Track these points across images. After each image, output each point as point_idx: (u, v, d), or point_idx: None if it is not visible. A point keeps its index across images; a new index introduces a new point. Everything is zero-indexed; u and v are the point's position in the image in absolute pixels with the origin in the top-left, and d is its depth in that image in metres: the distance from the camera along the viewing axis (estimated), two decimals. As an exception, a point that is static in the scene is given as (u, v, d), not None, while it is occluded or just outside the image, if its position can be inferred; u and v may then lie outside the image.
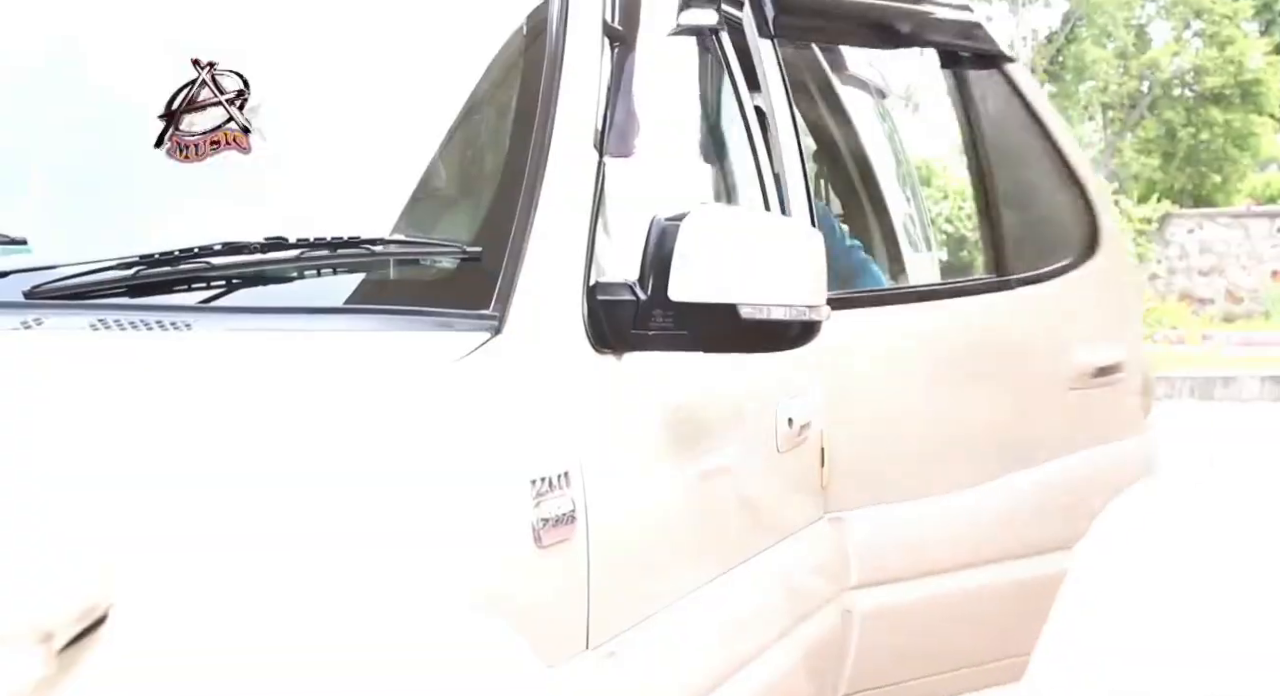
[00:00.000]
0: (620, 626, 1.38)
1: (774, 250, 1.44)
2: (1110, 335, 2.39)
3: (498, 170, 1.53)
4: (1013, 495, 2.19)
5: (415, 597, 1.07)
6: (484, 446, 1.24)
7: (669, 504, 1.53)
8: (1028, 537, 2.20)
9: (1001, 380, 2.21)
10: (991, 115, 2.38)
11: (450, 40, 1.65)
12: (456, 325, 1.35)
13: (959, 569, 2.11)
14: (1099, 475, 2.32)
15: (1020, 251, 2.32)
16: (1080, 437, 2.29)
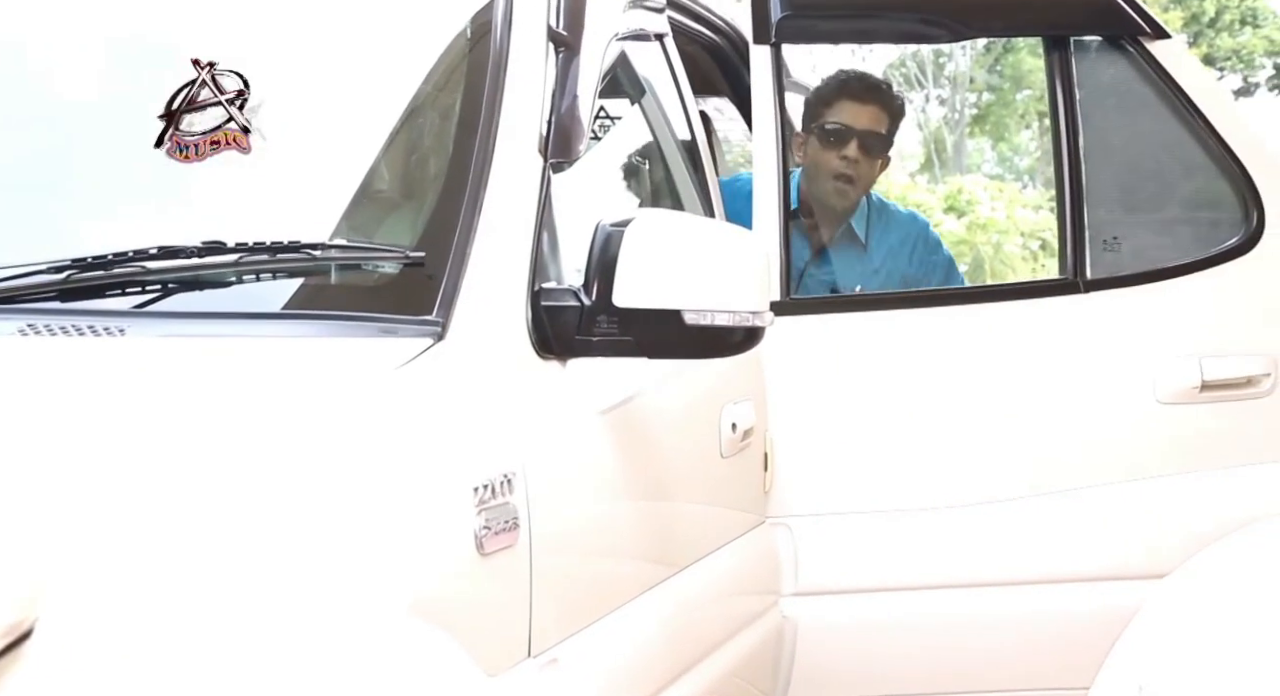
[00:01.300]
0: (562, 633, 1.37)
1: (719, 256, 1.44)
2: (1249, 343, 2.09)
3: (441, 175, 1.51)
4: (1039, 517, 2.02)
5: (351, 606, 1.05)
6: (425, 453, 1.22)
7: (612, 510, 1.52)
8: (1041, 567, 2.02)
9: (1029, 391, 2.03)
10: (1104, 99, 2.13)
11: (393, 44, 1.63)
12: (399, 331, 1.33)
13: (929, 588, 2.01)
14: (1196, 502, 2.05)
15: (1111, 251, 2.09)
16: (1164, 459, 2.05)
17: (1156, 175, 2.24)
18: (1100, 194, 2.12)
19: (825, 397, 2.02)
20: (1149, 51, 2.10)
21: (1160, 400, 2.05)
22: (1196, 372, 2.04)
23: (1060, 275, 2.12)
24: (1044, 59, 2.15)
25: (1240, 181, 2.10)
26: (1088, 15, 2.14)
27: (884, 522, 2.01)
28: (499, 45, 1.51)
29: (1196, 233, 2.19)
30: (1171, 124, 2.12)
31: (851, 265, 2.40)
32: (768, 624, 1.94)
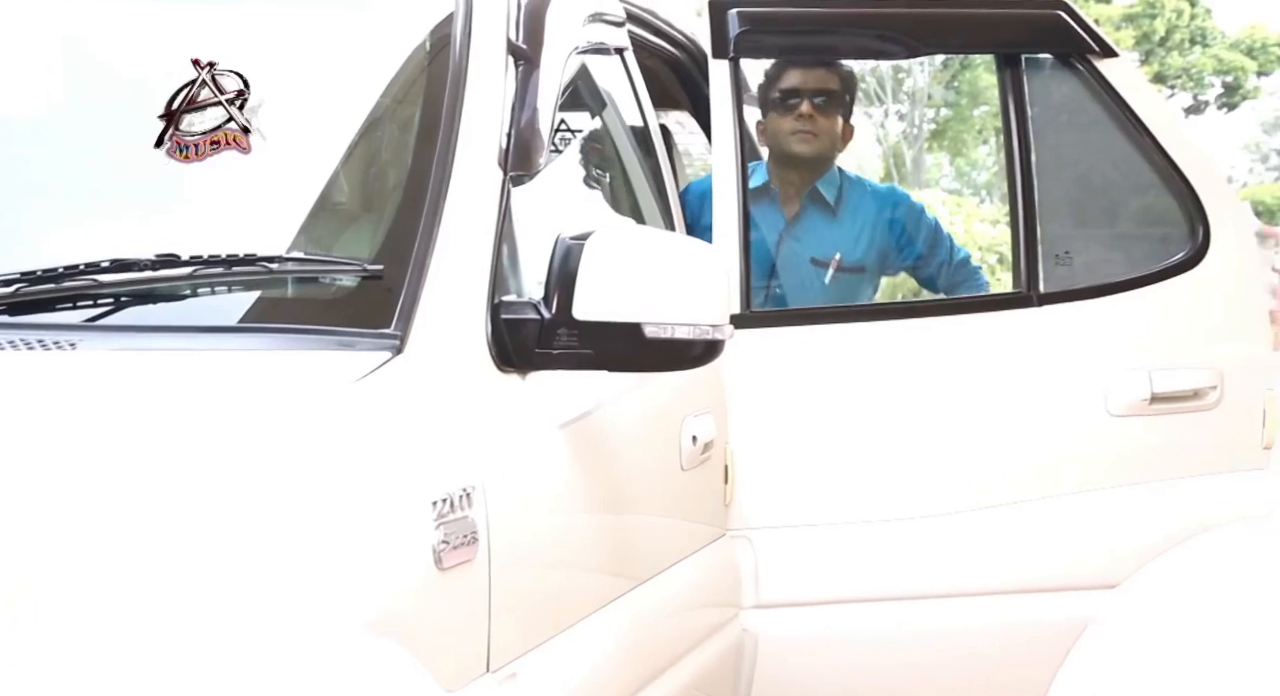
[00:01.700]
0: (522, 648, 1.36)
1: (678, 269, 1.44)
2: (1196, 357, 2.09)
3: (400, 187, 1.50)
4: (993, 528, 2.03)
5: (303, 622, 1.03)
6: (383, 468, 1.21)
7: (572, 523, 1.51)
8: (994, 578, 2.03)
9: (983, 404, 2.04)
10: (1054, 116, 2.16)
11: (352, 56, 1.62)
12: (357, 344, 1.32)
13: (887, 600, 2.01)
14: (1143, 514, 2.06)
15: (1064, 265, 2.10)
16: (1115, 471, 2.05)
17: (1107, 191, 2.27)
18: (1052, 209, 2.14)
19: (784, 410, 2.03)
20: (1098, 70, 2.13)
21: (1111, 412, 2.06)
22: (1146, 385, 2.06)
23: (1014, 289, 2.13)
24: (996, 76, 2.17)
25: (1186, 198, 2.12)
26: (1037, 33, 2.16)
27: (843, 535, 2.02)
28: (458, 58, 1.51)
29: (1146, 248, 2.21)
30: (1120, 141, 2.15)
31: (820, 232, 2.40)
32: (728, 636, 1.94)
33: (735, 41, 2.07)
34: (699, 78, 2.41)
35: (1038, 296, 2.09)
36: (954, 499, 2.05)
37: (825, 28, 2.20)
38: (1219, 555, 2.10)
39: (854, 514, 2.03)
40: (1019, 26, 2.17)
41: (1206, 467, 2.11)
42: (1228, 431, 2.12)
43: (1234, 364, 2.11)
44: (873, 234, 2.40)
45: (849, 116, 2.43)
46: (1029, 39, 2.16)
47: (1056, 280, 2.12)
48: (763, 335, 2.03)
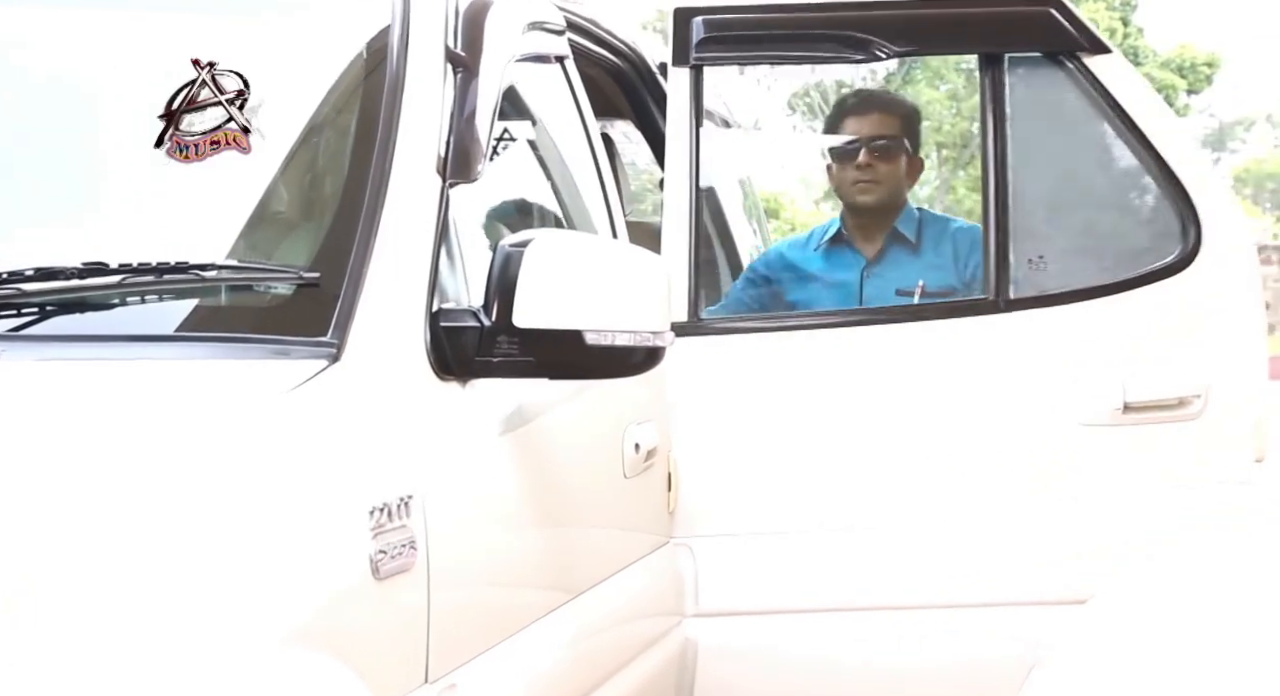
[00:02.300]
0: (462, 658, 1.34)
1: (619, 277, 1.43)
2: (1182, 363, 2.01)
3: (338, 195, 1.49)
4: (943, 540, 1.99)
5: (224, 632, 1.01)
6: (318, 477, 1.19)
7: (513, 532, 1.50)
8: (944, 590, 1.98)
9: (940, 411, 1.99)
10: (1035, 116, 2.06)
11: (289, 62, 1.60)
12: (292, 353, 1.30)
13: (832, 611, 1.97)
14: (1110, 526, 2.00)
15: (1037, 270, 2.01)
16: (1083, 482, 1.99)
17: (1091, 193, 2.17)
18: (1028, 212, 2.06)
19: (732, 418, 2.00)
20: (1088, 67, 2.04)
21: (1081, 421, 2.00)
22: (1119, 394, 1.99)
23: (982, 294, 2.07)
24: (977, 76, 2.08)
25: (1178, 198, 2.03)
26: (1024, 31, 2.07)
27: (787, 544, 1.99)
28: (396, 65, 1.49)
29: (1131, 251, 2.12)
30: (1109, 140, 2.06)
31: (904, 265, 2.33)
32: (670, 645, 1.93)
33: (697, 48, 2.03)
34: (642, 88, 2.41)
35: (1005, 302, 2.01)
36: (905, 509, 2.01)
37: (795, 32, 2.12)
38: (1189, 570, 2.00)
39: (798, 523, 2.00)
40: (1006, 24, 2.08)
41: (1188, 479, 2.02)
42: (1213, 442, 2.02)
43: (1223, 373, 2.02)
44: (954, 262, 2.33)
45: (916, 150, 2.37)
46: (1018, 37, 2.08)
47: (1028, 285, 2.04)
48: (712, 343, 2.02)
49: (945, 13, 2.13)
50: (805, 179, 24.17)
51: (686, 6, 2.05)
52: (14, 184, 1.48)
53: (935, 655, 2.02)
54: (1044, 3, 2.06)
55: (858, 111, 2.37)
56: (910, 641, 2.01)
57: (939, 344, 2.04)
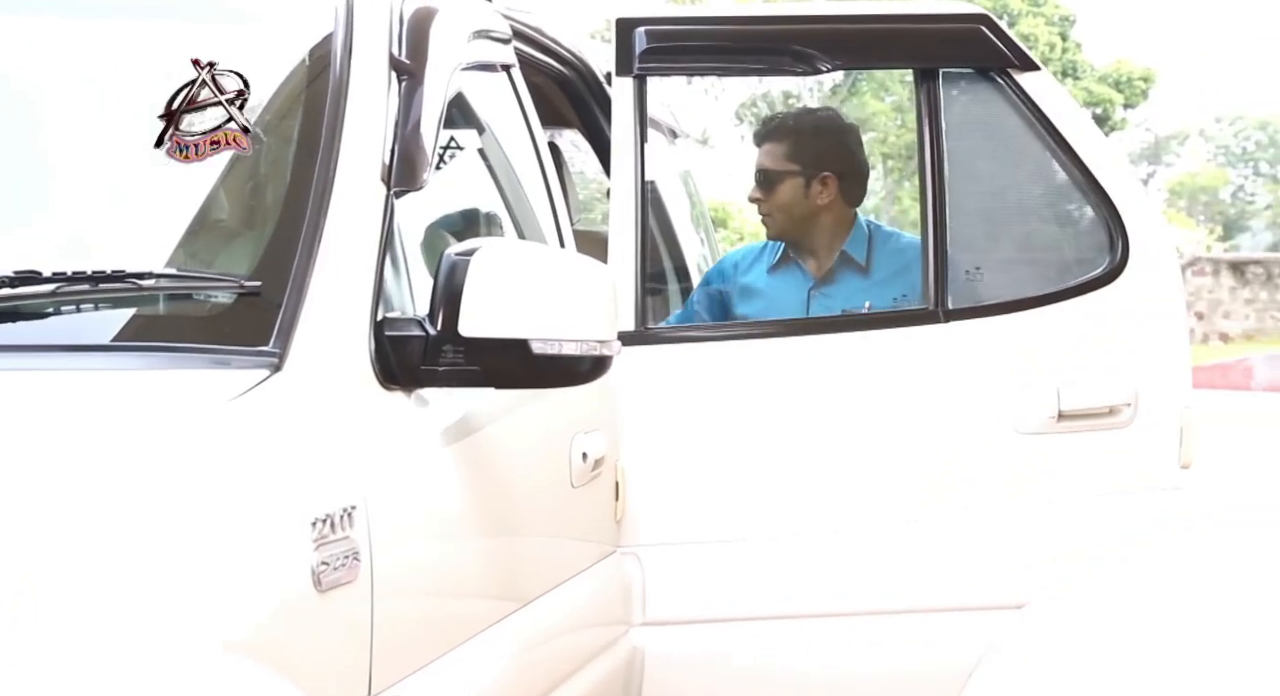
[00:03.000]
0: (405, 670, 1.32)
1: (565, 285, 1.43)
2: (1113, 373, 2.04)
3: (280, 203, 1.47)
4: (889, 547, 2.00)
5: (164, 645, 0.99)
6: (258, 487, 1.17)
7: (458, 543, 1.48)
8: (889, 597, 2.00)
9: (883, 420, 2.01)
10: (970, 130, 2.10)
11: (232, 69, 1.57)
12: (233, 362, 1.28)
13: (778, 618, 1.98)
14: (1047, 533, 2.03)
15: (974, 281, 2.05)
16: (1019, 489, 2.01)
17: (1023, 206, 2.21)
18: (965, 224, 2.09)
19: (676, 427, 2.00)
20: (1018, 83, 2.08)
21: (1018, 430, 2.02)
22: (1054, 402, 2.02)
23: (922, 305, 2.09)
24: (913, 90, 2.11)
25: (1106, 212, 2.07)
26: (956, 47, 2.11)
27: (734, 552, 1.99)
28: (339, 72, 1.48)
29: (1062, 263, 2.16)
30: (1039, 155, 2.10)
31: (851, 285, 2.34)
32: (618, 654, 1.92)
33: (641, 58, 2.03)
34: (589, 97, 2.40)
35: (944, 312, 2.04)
36: (849, 516, 2.02)
37: (735, 44, 2.14)
38: (1125, 576, 2.08)
39: (746, 531, 2.00)
40: (938, 40, 2.12)
41: (1119, 486, 2.06)
42: (1142, 450, 2.06)
43: (1150, 381, 2.06)
44: (903, 281, 2.34)
45: (820, 167, 2.33)
46: (949, 53, 2.11)
47: (966, 296, 2.07)
48: (657, 352, 2.02)
49: (882, 28, 2.16)
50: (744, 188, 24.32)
51: (629, 17, 2.05)
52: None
53: (880, 661, 2.02)
54: (975, 19, 2.10)
55: (755, 142, 2.38)
56: (855, 647, 2.02)
57: (881, 353, 2.06)
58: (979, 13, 2.12)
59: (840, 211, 2.39)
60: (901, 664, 2.03)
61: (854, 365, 2.06)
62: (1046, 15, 21.73)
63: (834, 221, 2.38)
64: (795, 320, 2.25)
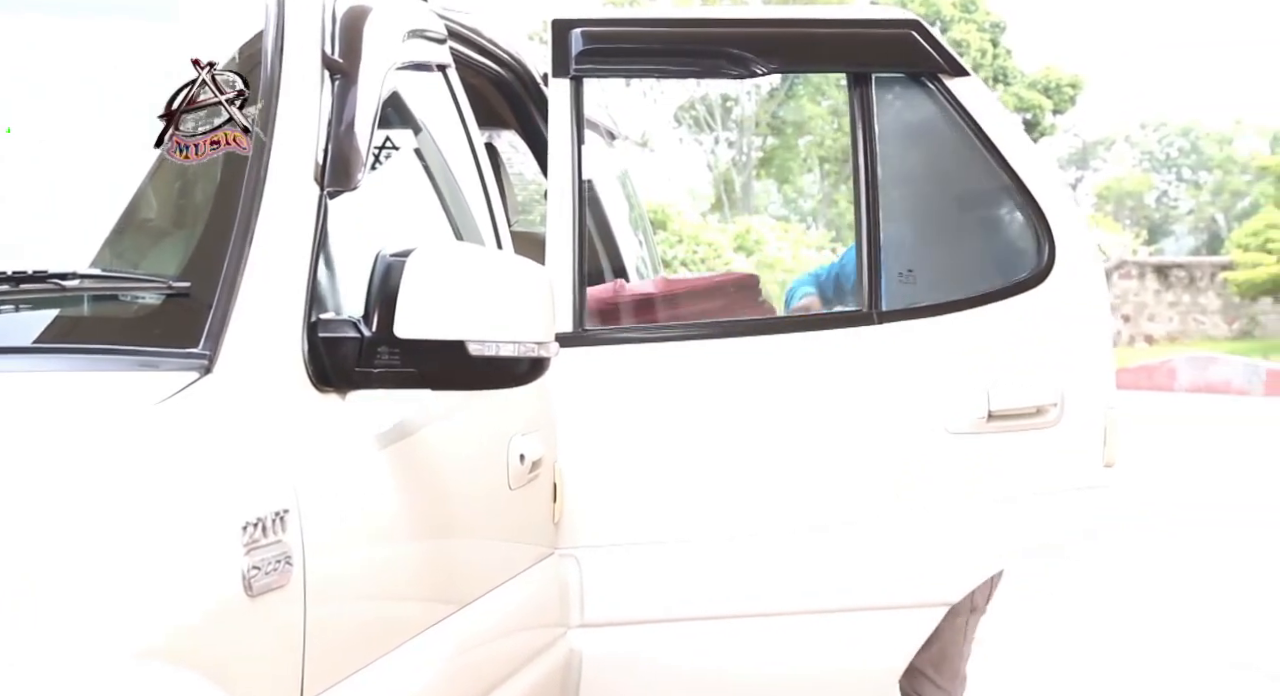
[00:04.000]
0: (339, 675, 1.30)
1: (503, 287, 1.42)
2: (1039, 373, 2.06)
3: (210, 203, 1.44)
4: (826, 547, 2.00)
5: (75, 651, 0.97)
6: (187, 491, 1.14)
7: (393, 546, 1.46)
8: (826, 597, 2.01)
9: (819, 422, 2.02)
10: (902, 135, 2.13)
11: (158, 66, 1.54)
12: (161, 364, 1.25)
13: (714, 619, 1.97)
14: (979, 531, 2.05)
15: (907, 283, 2.08)
16: (952, 488, 2.03)
17: (954, 209, 2.24)
18: (898, 227, 2.11)
19: (615, 428, 2.00)
20: (949, 89, 2.09)
21: (949, 430, 2.04)
22: (984, 403, 2.02)
23: (856, 307, 2.11)
24: (847, 94, 2.12)
25: (1034, 216, 2.09)
26: (887, 52, 2.11)
27: (671, 554, 1.99)
28: (270, 71, 1.45)
29: (992, 265, 2.18)
30: (969, 159, 2.12)
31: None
32: (555, 656, 1.90)
33: (577, 59, 2.02)
34: (526, 98, 2.39)
35: (878, 314, 2.05)
36: (786, 517, 2.02)
37: (670, 47, 2.14)
38: (1050, 572, 2.12)
39: (682, 533, 2.00)
40: (870, 45, 2.13)
41: (1047, 485, 2.07)
42: (1069, 449, 2.08)
43: (1076, 381, 2.08)
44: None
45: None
46: (881, 58, 2.10)
47: (899, 298, 2.08)
48: (594, 353, 2.01)
49: (815, 32, 2.17)
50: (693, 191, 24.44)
51: (565, 18, 2.04)
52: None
53: (815, 660, 2.03)
54: (906, 25, 2.12)
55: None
56: (791, 647, 2.03)
57: (816, 355, 2.08)
58: (911, 18, 2.14)
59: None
60: (836, 662, 2.04)
61: (790, 367, 2.07)
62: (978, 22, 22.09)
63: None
64: (731, 322, 2.25)
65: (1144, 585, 5.10)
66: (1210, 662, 4.00)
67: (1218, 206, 34.56)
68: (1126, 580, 5.12)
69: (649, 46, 2.15)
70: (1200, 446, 9.64)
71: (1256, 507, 7.04)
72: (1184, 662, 4.01)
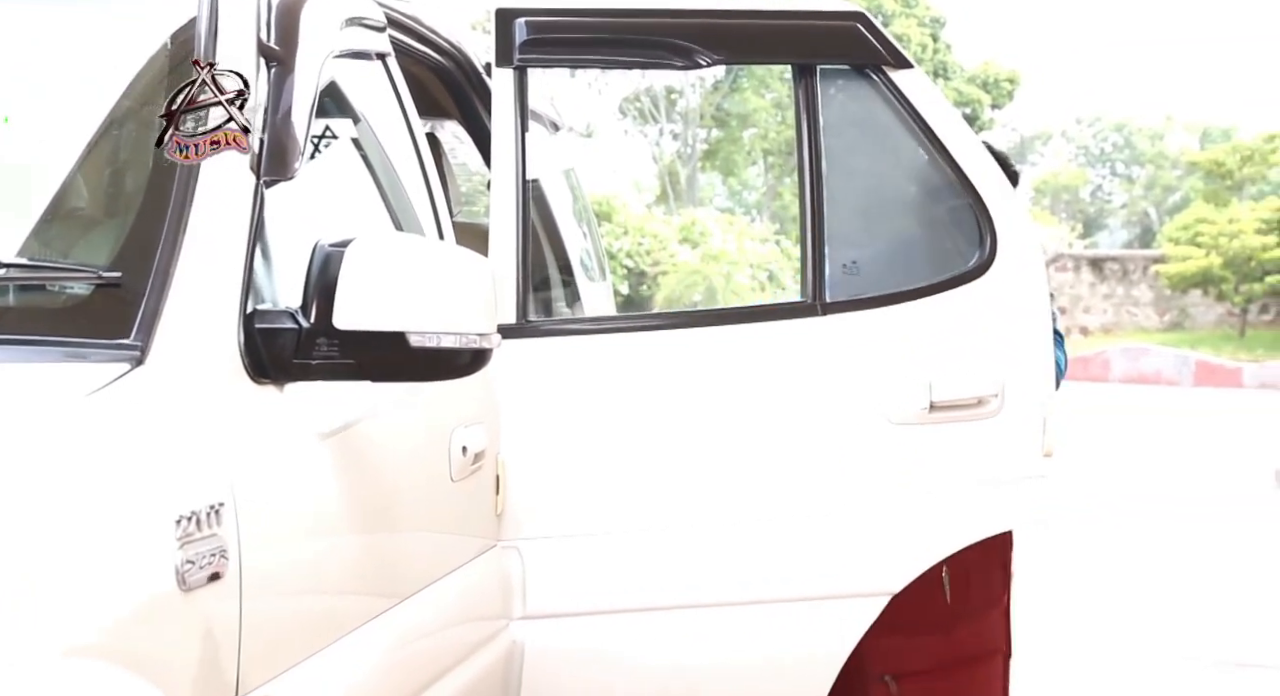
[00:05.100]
0: (275, 670, 1.29)
1: (443, 278, 1.41)
2: (980, 364, 2.08)
3: (143, 192, 1.41)
4: (768, 538, 2.01)
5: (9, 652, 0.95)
6: (117, 485, 1.12)
7: (332, 539, 1.44)
8: (768, 587, 2.01)
9: (762, 413, 2.01)
10: (847, 127, 2.12)
11: (88, 52, 1.50)
12: (90, 356, 1.23)
13: (656, 609, 1.98)
14: (921, 521, 2.06)
15: (851, 274, 2.06)
16: (895, 479, 2.04)
17: (897, 201, 2.24)
18: (841, 219, 2.10)
19: (557, 420, 1.99)
20: (892, 81, 2.07)
21: (892, 421, 2.05)
22: (926, 394, 2.03)
23: (801, 298, 2.10)
24: (787, 87, 2.17)
25: (976, 208, 2.10)
26: (832, 44, 2.10)
27: (614, 545, 1.98)
28: (204, 58, 1.42)
29: (934, 257, 2.19)
30: (913, 151, 2.12)
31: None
32: (497, 648, 1.89)
33: (520, 49, 2.00)
34: (468, 88, 2.37)
35: (822, 305, 2.05)
36: (729, 508, 2.02)
37: (615, 37, 2.12)
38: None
39: (624, 524, 2.00)
40: (815, 37, 2.13)
41: (988, 475, 2.09)
42: (1010, 439, 2.09)
43: (1016, 372, 2.09)
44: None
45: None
46: (825, 49, 2.10)
47: (843, 289, 2.07)
48: (537, 345, 2.00)
49: (760, 23, 2.16)
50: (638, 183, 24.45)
51: (509, 7, 2.02)
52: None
53: (756, 649, 2.04)
54: (851, 17, 2.12)
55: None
56: (734, 637, 2.03)
57: (761, 346, 2.07)
58: (855, 10, 2.14)
59: None
60: (778, 652, 2.05)
61: (734, 358, 2.06)
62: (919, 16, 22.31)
63: None
64: (675, 313, 2.28)
65: (1085, 574, 5.20)
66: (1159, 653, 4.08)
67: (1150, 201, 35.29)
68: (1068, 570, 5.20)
69: (594, 37, 2.13)
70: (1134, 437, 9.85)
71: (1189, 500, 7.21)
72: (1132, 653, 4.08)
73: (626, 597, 1.99)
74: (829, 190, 2.09)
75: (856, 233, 2.16)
